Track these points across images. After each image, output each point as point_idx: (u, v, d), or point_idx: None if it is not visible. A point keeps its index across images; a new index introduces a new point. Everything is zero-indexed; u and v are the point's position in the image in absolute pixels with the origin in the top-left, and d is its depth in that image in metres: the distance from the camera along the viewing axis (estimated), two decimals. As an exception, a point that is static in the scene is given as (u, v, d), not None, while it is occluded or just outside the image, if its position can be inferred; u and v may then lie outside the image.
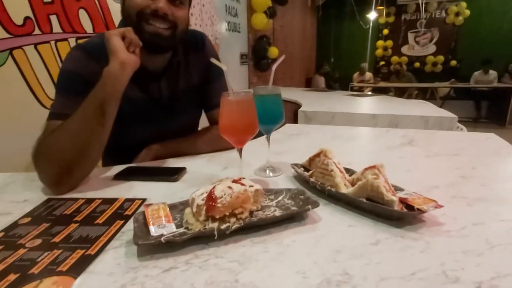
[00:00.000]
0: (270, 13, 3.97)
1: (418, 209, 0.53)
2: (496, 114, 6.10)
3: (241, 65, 3.85)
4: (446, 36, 8.08)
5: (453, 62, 7.98)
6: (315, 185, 0.66)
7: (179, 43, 0.90)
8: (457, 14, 7.60)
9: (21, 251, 0.48)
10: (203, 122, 1.08)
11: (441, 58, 8.10)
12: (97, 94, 0.70)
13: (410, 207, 0.54)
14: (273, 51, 4.31)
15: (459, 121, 1.61)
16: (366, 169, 0.63)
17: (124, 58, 0.71)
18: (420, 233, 0.50)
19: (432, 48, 8.29)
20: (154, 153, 0.92)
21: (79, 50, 0.81)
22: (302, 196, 0.60)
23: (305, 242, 0.48)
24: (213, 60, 0.69)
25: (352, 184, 0.64)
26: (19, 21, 1.19)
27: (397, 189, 0.61)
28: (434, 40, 8.23)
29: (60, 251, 0.48)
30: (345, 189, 0.62)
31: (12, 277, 0.42)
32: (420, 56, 8.38)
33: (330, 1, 7.24)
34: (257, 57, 4.22)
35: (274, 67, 0.71)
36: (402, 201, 0.56)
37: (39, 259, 0.46)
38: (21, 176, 0.81)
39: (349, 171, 0.71)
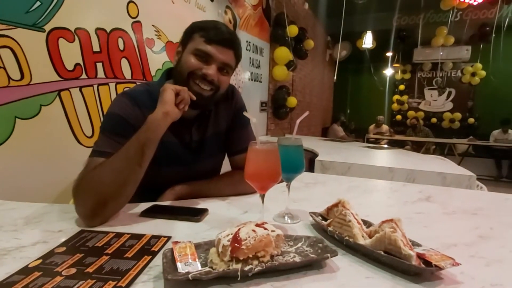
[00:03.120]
0: (291, 66, 4.22)
1: (435, 266, 0.54)
2: (518, 174, 5.92)
3: (260, 112, 4.02)
4: (463, 94, 8.22)
5: (471, 120, 8.00)
6: (333, 234, 0.68)
7: None
8: (473, 74, 7.80)
9: (58, 278, 0.52)
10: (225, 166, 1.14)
11: (458, 115, 8.16)
12: (139, 137, 0.78)
13: (427, 263, 0.56)
14: (291, 101, 4.50)
15: (479, 179, 1.60)
16: (383, 222, 0.65)
17: (169, 110, 0.80)
18: (438, 290, 0.51)
19: (449, 105, 8.40)
20: (177, 193, 0.97)
21: (125, 97, 0.91)
22: (320, 244, 0.62)
23: (324, 290, 0.50)
24: (246, 114, 0.77)
25: (370, 236, 0.66)
26: (70, 66, 1.35)
27: (414, 244, 0.62)
28: (451, 98, 8.36)
29: (94, 281, 0.51)
30: (363, 240, 0.64)
31: (51, 302, 0.45)
32: (437, 112, 8.47)
33: (347, 57, 7.61)
34: (276, 106, 4.41)
35: (298, 121, 0.78)
36: (420, 256, 0.57)
37: (75, 287, 0.49)
38: (56, 208, 0.86)
39: (366, 223, 0.73)
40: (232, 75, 1.00)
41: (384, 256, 0.57)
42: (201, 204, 0.91)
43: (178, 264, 0.52)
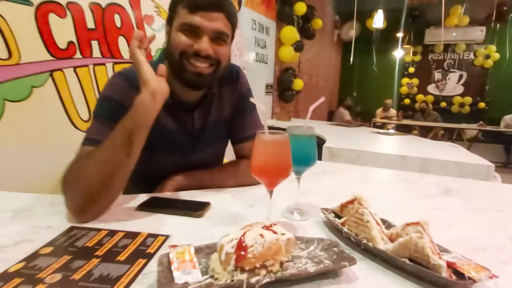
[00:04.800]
0: (298, 47, 4.06)
1: (470, 278, 0.47)
2: (527, 160, 5.81)
3: (265, 95, 3.91)
4: (474, 78, 7.98)
5: (482, 104, 7.80)
6: (348, 236, 0.61)
7: None
8: (487, 56, 7.53)
9: (40, 286, 0.46)
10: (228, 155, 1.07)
11: (468, 99, 7.96)
12: (126, 124, 0.69)
13: (458, 273, 0.49)
14: (297, 83, 4.36)
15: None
16: (407, 224, 0.57)
17: (155, 87, 0.70)
18: (472, 307, 0.44)
19: (459, 88, 8.17)
20: (177, 184, 0.90)
21: (120, 78, 0.83)
22: (335, 249, 0.55)
23: (342, 307, 0.44)
24: (253, 100, 0.68)
25: (391, 240, 0.59)
26: (62, 45, 1.25)
27: (442, 249, 0.55)
28: (462, 81, 8.13)
29: (79, 291, 0.45)
30: (383, 244, 0.57)
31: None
32: (447, 96, 8.26)
33: (356, 37, 7.36)
34: (282, 88, 4.28)
35: (311, 108, 0.70)
36: (450, 265, 0.50)
37: (57, 298, 0.43)
38: (46, 199, 0.80)
39: (385, 223, 0.66)
40: (238, 56, 0.90)
41: (410, 265, 0.50)
42: (203, 196, 0.84)
43: (175, 273, 0.46)
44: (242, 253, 0.46)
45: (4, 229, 0.63)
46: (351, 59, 5.87)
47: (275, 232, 0.51)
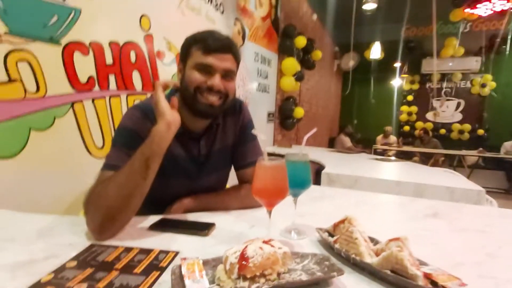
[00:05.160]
0: (298, 77, 4.25)
1: (442, 286, 0.54)
2: (530, 187, 5.80)
3: (267, 122, 4.04)
4: (472, 105, 8.15)
5: (481, 131, 7.90)
6: (339, 252, 0.69)
7: None
8: (483, 85, 7.73)
9: (70, 293, 0.53)
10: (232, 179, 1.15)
11: (467, 126, 8.08)
12: (144, 150, 0.79)
13: (434, 284, 0.55)
14: (298, 111, 4.51)
15: (490, 192, 1.57)
16: (390, 240, 0.65)
17: (169, 119, 0.81)
18: (445, 312, 0.51)
19: (458, 116, 8.32)
20: (185, 206, 0.98)
21: (137, 110, 0.93)
22: (327, 262, 0.62)
23: (330, 310, 0.50)
24: (254, 131, 0.78)
25: (376, 254, 0.66)
26: (83, 79, 1.39)
27: (422, 263, 0.62)
28: (460, 109, 8.29)
29: (104, 296, 0.52)
30: (370, 258, 0.64)
31: (63, 316, 0.47)
32: (446, 123, 8.39)
33: (355, 67, 7.63)
34: (283, 116, 4.42)
35: (306, 137, 0.79)
36: (427, 276, 0.57)
37: (86, 301, 0.50)
38: (66, 220, 0.88)
39: (373, 240, 0.73)
40: (241, 86, 1.01)
41: (391, 275, 0.58)
42: (209, 218, 0.92)
43: (186, 281, 0.53)
44: (244, 263, 0.54)
45: (33, 247, 0.71)
46: (348, 88, 6.07)
47: (273, 246, 0.59)
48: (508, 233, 0.92)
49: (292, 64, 4.01)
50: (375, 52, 6.42)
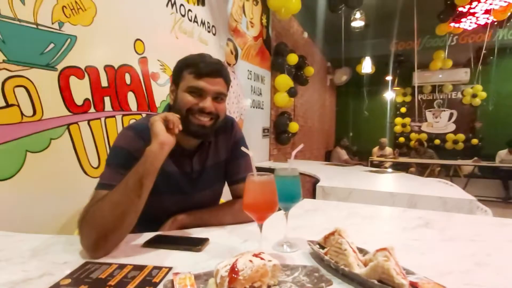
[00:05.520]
0: (291, 93, 4.33)
1: (427, 294, 0.55)
2: (527, 195, 5.83)
3: (262, 138, 4.08)
4: (464, 115, 8.27)
5: (475, 141, 7.99)
6: (329, 263, 0.70)
7: None
8: (474, 95, 7.89)
9: (64, 310, 0.54)
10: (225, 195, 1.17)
11: (461, 136, 8.17)
12: (138, 169, 0.81)
13: (420, 291, 0.57)
14: (293, 126, 4.57)
15: (487, 201, 1.59)
16: (377, 250, 0.67)
17: (163, 140, 0.83)
18: (430, 319, 0.52)
19: (451, 126, 8.43)
20: (179, 223, 1.00)
21: (130, 130, 0.96)
22: (316, 274, 0.64)
23: (318, 320, 0.52)
24: (243, 149, 0.81)
25: (365, 265, 0.68)
26: (79, 101, 1.42)
27: (408, 272, 0.64)
28: (453, 119, 8.42)
29: (97, 313, 0.53)
30: (358, 269, 0.66)
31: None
32: (440, 134, 8.49)
33: (348, 81, 7.78)
34: (278, 131, 4.47)
35: (294, 153, 0.82)
36: (413, 285, 0.59)
37: (79, 319, 0.51)
38: (61, 239, 0.89)
39: (362, 251, 0.75)
40: (235, 103, 1.05)
41: (378, 285, 0.59)
42: (202, 233, 0.93)
43: (178, 295, 0.55)
44: (234, 275, 0.55)
45: (28, 265, 0.72)
46: (340, 102, 6.18)
47: (262, 259, 0.60)
48: (498, 241, 0.94)
49: (285, 80, 4.09)
50: (367, 66, 6.58)
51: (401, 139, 8.75)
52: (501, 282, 0.66)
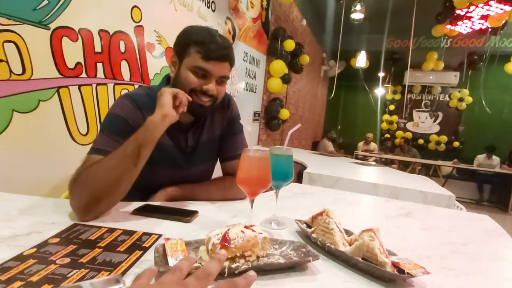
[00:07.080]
0: (285, 79, 4.31)
1: (408, 273, 0.58)
2: (498, 199, 6.12)
3: (253, 122, 4.07)
4: (449, 118, 8.50)
5: (456, 144, 8.25)
6: (316, 241, 0.73)
7: None
8: (460, 99, 8.09)
9: (53, 266, 0.54)
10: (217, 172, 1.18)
11: (444, 138, 8.42)
12: (138, 137, 0.81)
13: (401, 271, 0.60)
14: (284, 113, 4.58)
15: (461, 201, 1.67)
16: (363, 231, 0.69)
17: (167, 112, 0.83)
18: (408, 295, 0.55)
19: (435, 127, 8.65)
20: (169, 194, 1.00)
21: (128, 99, 0.95)
22: (304, 249, 0.66)
23: (305, 290, 0.54)
24: (242, 122, 0.82)
25: (350, 244, 0.70)
26: (71, 65, 1.37)
27: (391, 253, 0.67)
28: (438, 121, 8.63)
29: (87, 270, 0.54)
30: (343, 247, 0.69)
31: (47, 287, 0.48)
32: (424, 134, 8.71)
33: (341, 74, 7.81)
34: (269, 117, 4.48)
35: (290, 132, 0.83)
36: (394, 264, 0.61)
37: (69, 275, 0.52)
38: (49, 201, 0.88)
39: (348, 232, 0.78)
40: (230, 84, 1.05)
41: (362, 262, 0.62)
42: (192, 206, 0.94)
43: (169, 259, 0.56)
44: (226, 244, 0.56)
45: (14, 223, 0.71)
46: (332, 94, 6.22)
47: (254, 231, 0.62)
48: (472, 233, 0.99)
49: (280, 66, 4.07)
50: (361, 60, 6.60)
51: (387, 136, 8.93)
52: (474, 269, 0.71)
